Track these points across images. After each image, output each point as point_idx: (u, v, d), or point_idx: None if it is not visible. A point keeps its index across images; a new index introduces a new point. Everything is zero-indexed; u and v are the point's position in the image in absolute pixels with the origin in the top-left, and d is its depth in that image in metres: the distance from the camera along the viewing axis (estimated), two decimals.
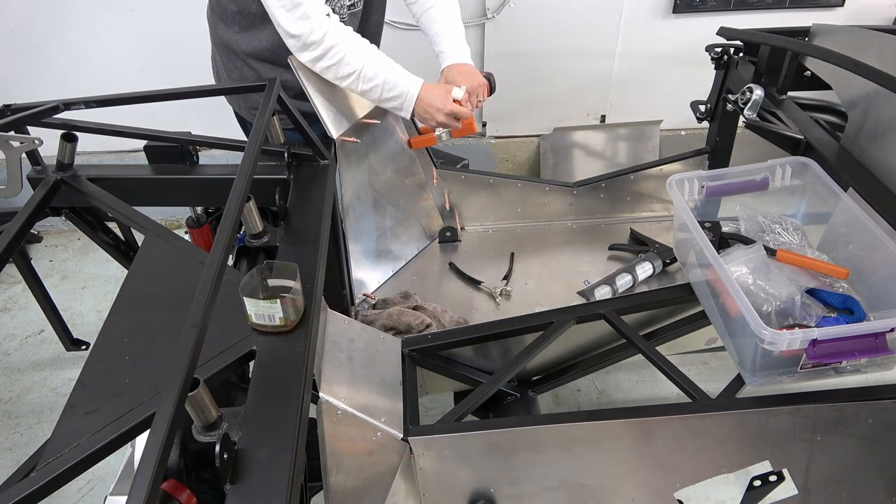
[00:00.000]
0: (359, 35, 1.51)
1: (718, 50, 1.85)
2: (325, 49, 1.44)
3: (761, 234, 1.50)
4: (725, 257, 1.31)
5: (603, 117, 2.95)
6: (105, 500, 1.06)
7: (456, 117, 1.59)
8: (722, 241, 1.47)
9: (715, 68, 1.89)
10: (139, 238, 1.42)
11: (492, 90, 1.73)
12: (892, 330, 1.09)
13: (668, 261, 1.77)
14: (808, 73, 1.73)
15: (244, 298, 0.96)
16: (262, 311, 0.97)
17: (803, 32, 1.82)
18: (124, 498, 0.78)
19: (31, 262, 1.70)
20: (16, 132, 1.34)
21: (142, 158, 1.54)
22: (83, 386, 0.93)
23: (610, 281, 1.71)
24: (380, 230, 1.82)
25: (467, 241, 2.01)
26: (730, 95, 1.75)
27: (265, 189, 1.37)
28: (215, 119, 1.99)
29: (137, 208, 1.28)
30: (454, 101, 1.57)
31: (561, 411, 2.10)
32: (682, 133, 2.93)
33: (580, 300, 1.70)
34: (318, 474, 1.09)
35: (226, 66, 1.73)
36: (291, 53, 1.50)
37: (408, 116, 1.59)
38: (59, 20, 2.62)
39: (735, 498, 1.23)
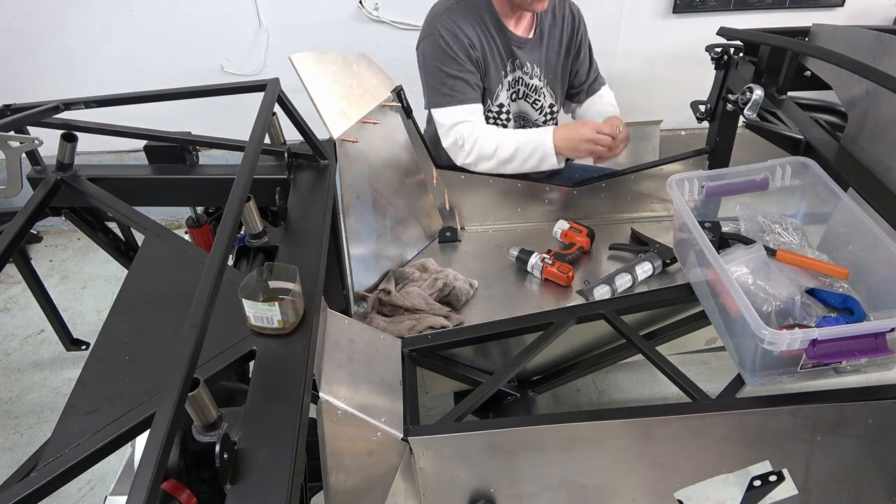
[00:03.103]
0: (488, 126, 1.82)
1: (718, 50, 1.85)
2: (467, 144, 1.78)
3: (761, 234, 1.50)
4: (725, 257, 1.31)
5: None
6: (105, 500, 1.06)
7: (599, 141, 1.71)
8: (722, 241, 1.47)
9: (715, 68, 1.88)
10: (139, 238, 1.42)
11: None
12: (892, 330, 1.09)
13: (668, 261, 1.77)
14: (808, 73, 1.73)
15: (243, 300, 0.96)
16: (261, 314, 0.97)
17: (803, 32, 1.82)
18: (124, 498, 0.78)
19: (31, 262, 1.71)
20: (16, 132, 1.34)
21: (142, 158, 1.54)
22: (83, 386, 0.93)
23: (610, 281, 1.71)
24: (380, 230, 1.82)
25: (467, 241, 2.01)
26: (730, 95, 1.75)
27: (265, 189, 1.37)
28: (215, 119, 1.99)
29: (137, 208, 1.28)
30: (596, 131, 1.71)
31: (561, 411, 2.10)
32: (682, 133, 2.92)
33: (580, 300, 1.70)
34: (318, 474, 1.09)
35: None
36: None
37: (556, 163, 1.78)
38: (58, 20, 2.62)
39: (735, 498, 1.23)
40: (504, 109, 1.95)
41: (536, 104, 1.97)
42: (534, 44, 1.89)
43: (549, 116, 2.04)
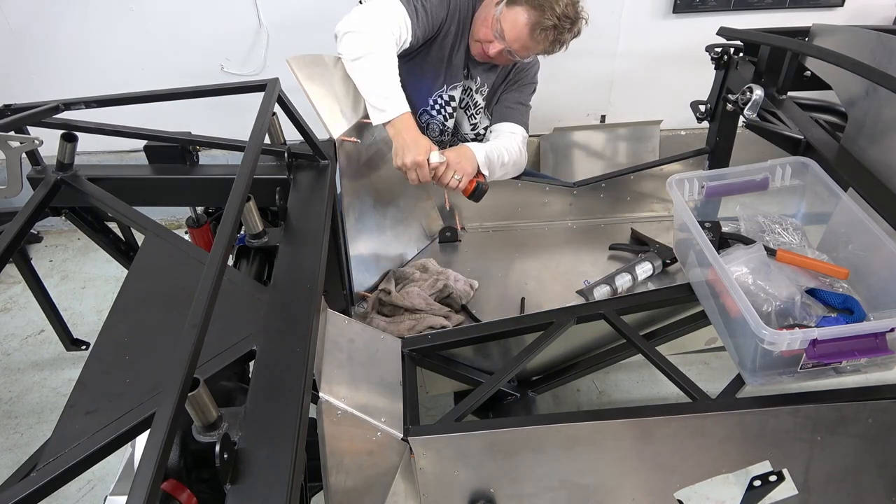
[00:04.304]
0: (390, 50, 1.59)
1: (718, 50, 1.85)
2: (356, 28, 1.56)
3: (761, 234, 1.50)
4: (725, 257, 1.31)
5: (603, 117, 2.95)
6: (105, 500, 1.06)
7: (415, 172, 1.55)
8: (722, 241, 1.47)
9: (715, 68, 1.89)
10: (139, 238, 1.42)
11: (474, 193, 1.67)
12: (892, 330, 1.09)
13: (668, 261, 1.77)
14: (808, 73, 1.73)
15: None
16: None
17: (803, 32, 1.82)
18: (124, 498, 0.78)
19: (31, 262, 1.70)
20: (16, 132, 1.33)
21: (142, 158, 1.54)
22: (83, 386, 0.93)
23: (610, 281, 1.71)
24: (380, 230, 1.82)
25: (467, 241, 2.01)
26: (730, 95, 1.75)
27: (265, 189, 1.37)
28: (215, 119, 1.99)
29: (137, 208, 1.28)
30: (428, 159, 1.54)
31: (561, 411, 2.10)
32: (682, 133, 2.93)
33: (580, 300, 1.70)
34: (318, 474, 1.09)
35: None
36: None
37: (374, 120, 1.56)
38: (59, 20, 2.62)
39: (735, 498, 1.23)
40: (452, 104, 1.91)
41: (473, 120, 1.96)
42: (490, 66, 1.88)
43: (479, 137, 2.01)
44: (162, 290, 1.12)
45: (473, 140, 2.00)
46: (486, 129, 1.98)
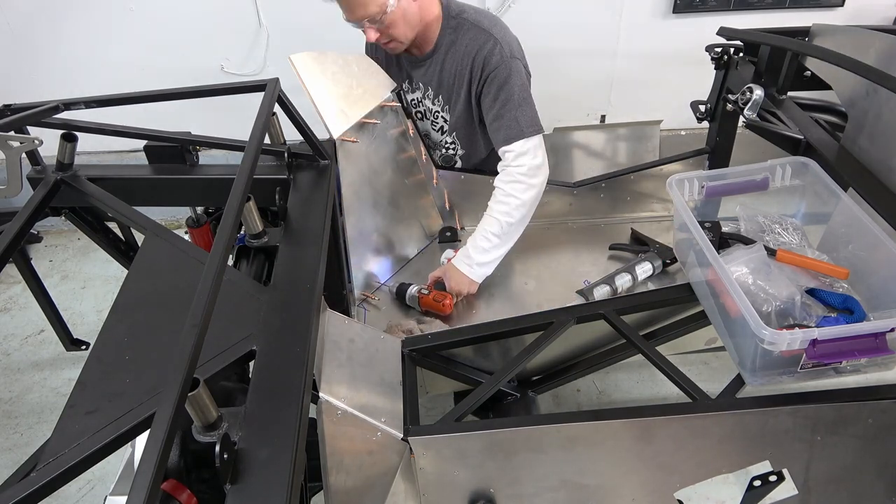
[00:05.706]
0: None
1: (718, 50, 1.85)
2: None
3: (761, 234, 1.50)
4: (725, 257, 1.31)
5: (603, 117, 2.95)
6: (105, 500, 1.06)
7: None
8: (722, 241, 1.47)
9: (715, 68, 1.89)
10: (139, 238, 1.42)
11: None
12: (892, 330, 1.09)
13: (668, 261, 1.77)
14: (808, 73, 1.73)
15: None
16: None
17: (803, 32, 1.82)
18: (124, 498, 0.78)
19: (31, 262, 1.70)
20: (16, 132, 1.34)
21: (142, 158, 1.54)
22: (83, 386, 0.93)
23: (610, 281, 1.71)
24: (380, 230, 1.82)
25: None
26: (730, 95, 1.75)
27: (265, 189, 1.37)
28: (215, 119, 1.99)
29: (137, 208, 1.28)
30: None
31: (561, 411, 2.10)
32: (682, 133, 2.93)
33: (580, 300, 1.70)
34: (318, 474, 1.09)
35: None
36: None
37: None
38: (58, 20, 2.62)
39: (735, 498, 1.23)
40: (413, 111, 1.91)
41: (435, 126, 1.93)
42: (432, 64, 1.78)
43: (450, 145, 1.96)
44: (162, 290, 1.12)
45: (445, 142, 1.95)
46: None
